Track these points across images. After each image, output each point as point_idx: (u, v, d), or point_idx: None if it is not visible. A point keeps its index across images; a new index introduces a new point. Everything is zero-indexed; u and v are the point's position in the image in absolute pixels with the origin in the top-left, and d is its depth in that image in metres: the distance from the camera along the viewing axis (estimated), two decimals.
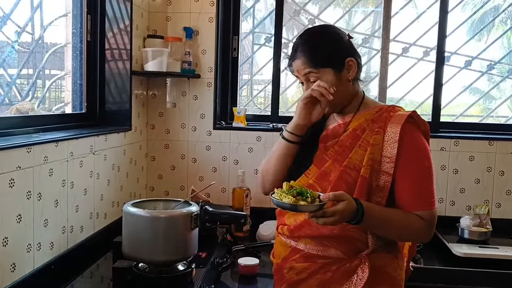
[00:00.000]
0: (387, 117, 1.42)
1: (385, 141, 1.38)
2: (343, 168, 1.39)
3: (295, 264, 1.45)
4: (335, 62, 1.43)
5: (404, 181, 1.38)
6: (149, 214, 1.56)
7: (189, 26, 2.56)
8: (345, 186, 1.37)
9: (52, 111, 2.15)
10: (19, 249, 1.53)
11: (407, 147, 1.37)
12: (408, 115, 1.40)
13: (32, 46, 2.01)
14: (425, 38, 2.76)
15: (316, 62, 1.42)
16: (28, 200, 1.56)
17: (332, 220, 1.25)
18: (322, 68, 1.42)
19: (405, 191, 1.38)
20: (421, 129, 1.42)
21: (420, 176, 1.38)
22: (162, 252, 1.56)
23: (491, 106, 2.91)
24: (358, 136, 1.42)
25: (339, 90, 1.42)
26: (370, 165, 1.37)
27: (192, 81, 2.62)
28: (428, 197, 1.38)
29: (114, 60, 2.30)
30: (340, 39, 1.46)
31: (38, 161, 1.60)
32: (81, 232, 1.93)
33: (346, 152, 1.41)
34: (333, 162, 1.42)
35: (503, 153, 2.51)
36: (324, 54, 1.43)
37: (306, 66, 1.43)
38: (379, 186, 1.38)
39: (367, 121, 1.44)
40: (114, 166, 2.23)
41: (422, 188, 1.38)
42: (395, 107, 1.47)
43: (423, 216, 1.37)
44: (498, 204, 2.53)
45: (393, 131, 1.38)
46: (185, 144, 2.66)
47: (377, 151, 1.38)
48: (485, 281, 2.03)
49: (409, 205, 1.38)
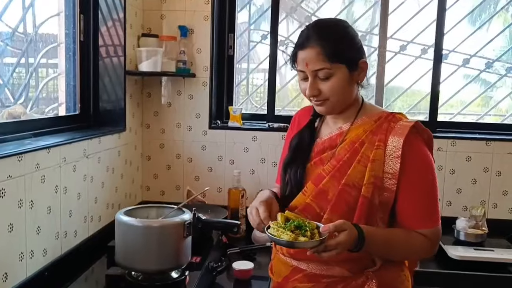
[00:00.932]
0: (388, 129, 1.32)
1: (387, 156, 1.29)
2: (342, 187, 1.30)
3: (298, 285, 1.37)
4: (351, 60, 1.31)
5: (407, 198, 1.30)
6: (142, 224, 1.55)
7: (184, 24, 2.53)
8: (345, 206, 1.30)
9: (45, 113, 2.13)
10: (11, 258, 1.52)
11: (410, 161, 1.28)
12: (410, 126, 1.30)
13: (24, 46, 1.99)
14: (423, 35, 2.73)
15: (332, 54, 1.27)
16: (20, 208, 1.54)
17: (335, 252, 1.18)
18: (337, 63, 1.28)
19: (408, 209, 1.31)
20: (424, 138, 1.33)
21: (424, 192, 1.30)
22: (155, 261, 1.56)
23: (492, 94, 2.88)
24: (357, 150, 1.32)
25: (347, 91, 1.32)
26: (372, 183, 1.28)
27: (187, 80, 2.60)
28: (431, 214, 1.31)
29: (109, 60, 2.28)
30: (356, 37, 1.35)
31: (29, 169, 1.58)
32: (75, 236, 1.92)
33: (344, 168, 1.31)
34: (330, 179, 1.32)
35: (500, 154, 2.50)
36: (342, 47, 1.29)
37: (320, 58, 1.27)
38: (382, 203, 1.31)
39: (365, 133, 1.34)
40: (109, 168, 2.21)
41: (426, 205, 1.31)
42: (395, 115, 1.36)
43: (427, 234, 1.30)
44: (494, 204, 2.53)
45: (394, 145, 1.29)
46: (181, 143, 2.65)
47: (378, 167, 1.29)
48: (480, 284, 2.04)
49: (412, 223, 1.31)
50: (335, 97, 1.32)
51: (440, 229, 1.33)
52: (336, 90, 1.31)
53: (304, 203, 1.35)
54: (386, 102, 2.81)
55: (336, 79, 1.30)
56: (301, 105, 2.16)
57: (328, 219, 1.28)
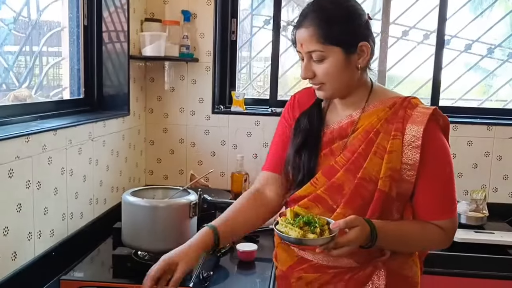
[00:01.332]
0: (404, 116, 1.23)
1: (405, 146, 1.21)
2: (358, 181, 1.22)
3: (303, 274, 1.32)
4: (348, 42, 1.21)
5: (425, 189, 1.23)
6: (148, 204, 1.57)
7: (186, 9, 2.53)
8: (360, 201, 1.23)
9: (50, 97, 2.14)
10: (20, 238, 1.55)
11: (430, 151, 1.21)
12: (430, 113, 1.22)
13: (28, 31, 2.00)
14: (425, 21, 2.74)
15: (326, 36, 1.20)
16: (27, 189, 1.57)
17: (347, 250, 1.13)
18: (331, 45, 1.20)
19: (425, 200, 1.25)
20: (441, 126, 1.25)
21: (442, 183, 1.24)
22: (161, 241, 1.58)
23: (492, 82, 2.89)
24: (372, 140, 1.23)
25: (343, 75, 1.23)
26: (390, 176, 1.20)
27: (191, 65, 2.61)
28: (449, 205, 1.26)
29: (112, 44, 2.29)
30: (359, 17, 1.24)
31: (37, 150, 1.60)
32: (81, 218, 1.95)
33: (360, 161, 1.23)
34: (345, 173, 1.24)
35: (501, 138, 2.52)
36: (338, 29, 1.20)
37: (313, 39, 1.21)
38: (400, 194, 1.24)
39: (380, 121, 1.25)
40: (113, 151, 2.23)
41: (444, 196, 1.25)
42: (410, 100, 1.27)
43: (443, 226, 1.24)
44: (495, 188, 2.55)
45: (413, 134, 1.20)
46: (184, 128, 2.66)
47: (396, 159, 1.21)
48: (480, 265, 2.07)
49: (428, 214, 1.25)
50: (330, 81, 1.25)
51: (456, 220, 1.28)
52: (330, 74, 1.23)
53: (314, 194, 1.28)
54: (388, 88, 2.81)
55: (330, 62, 1.22)
56: None
57: (342, 214, 1.22)
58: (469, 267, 2.07)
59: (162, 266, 1.21)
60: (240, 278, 1.84)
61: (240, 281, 1.80)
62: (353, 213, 1.18)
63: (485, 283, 2.07)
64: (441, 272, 2.07)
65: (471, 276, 2.07)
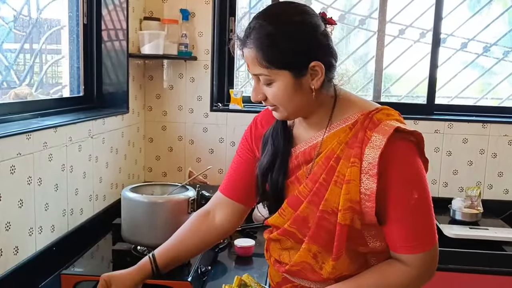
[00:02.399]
0: (364, 139, 1.08)
1: (362, 173, 1.07)
2: (320, 214, 1.11)
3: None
4: (295, 65, 1.08)
5: (390, 220, 1.09)
6: (147, 200, 1.60)
7: (185, 8, 2.56)
8: (325, 235, 1.12)
9: (50, 95, 2.17)
10: (21, 233, 1.58)
11: (390, 179, 1.07)
12: (389, 135, 1.06)
13: (28, 29, 2.02)
14: (421, 19, 2.76)
15: (269, 60, 1.07)
16: (29, 185, 1.59)
17: None
18: (276, 69, 1.08)
19: (391, 231, 1.11)
20: (412, 142, 1.11)
21: (410, 213, 1.08)
22: (160, 236, 1.59)
23: (491, 81, 2.92)
24: (333, 168, 1.11)
25: (295, 99, 1.11)
26: (349, 208, 1.08)
27: (189, 63, 2.63)
28: (420, 238, 1.09)
29: (111, 43, 2.31)
30: (309, 32, 1.09)
31: (37, 147, 1.63)
32: (81, 214, 1.97)
33: (322, 191, 1.12)
34: (308, 205, 1.14)
35: (496, 136, 2.55)
36: (282, 51, 1.07)
37: (255, 62, 1.09)
38: (367, 226, 1.11)
39: (340, 145, 1.12)
40: (112, 148, 2.26)
41: (413, 228, 1.09)
42: (373, 117, 1.11)
43: (411, 263, 1.09)
44: (490, 185, 2.58)
45: (370, 161, 1.06)
46: (182, 126, 2.69)
47: (354, 189, 1.08)
48: (474, 261, 2.10)
49: (396, 246, 1.11)
50: (282, 105, 1.13)
51: (432, 254, 1.10)
52: (280, 98, 1.11)
53: (283, 228, 1.20)
54: (384, 86, 2.85)
55: (277, 86, 1.10)
56: None
57: (307, 249, 1.15)
58: (464, 263, 2.10)
59: (100, 283, 1.29)
60: (238, 273, 1.86)
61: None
62: (320, 249, 1.13)
63: (479, 278, 2.10)
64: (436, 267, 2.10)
65: (465, 272, 2.09)
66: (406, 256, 1.10)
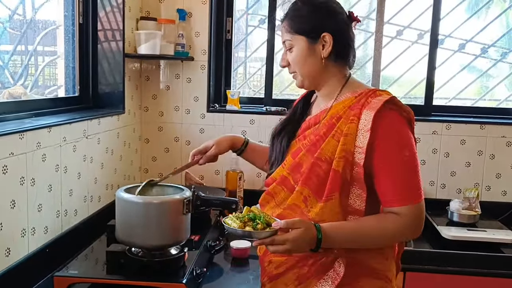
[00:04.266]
0: (364, 103, 1.29)
1: (359, 130, 1.27)
2: (314, 160, 1.30)
3: (273, 258, 1.41)
4: (310, 32, 1.34)
5: (381, 174, 1.27)
6: (142, 200, 1.57)
7: (182, 8, 2.54)
8: (315, 179, 1.30)
9: (45, 95, 2.15)
10: (14, 234, 1.55)
11: (382, 136, 1.25)
12: (385, 100, 1.26)
13: (23, 28, 2.00)
14: (419, 21, 2.75)
15: (293, 26, 1.36)
16: (21, 185, 1.57)
17: (283, 248, 1.20)
18: (296, 34, 1.36)
19: (382, 185, 1.28)
20: (403, 115, 1.29)
21: (399, 169, 1.26)
22: (154, 237, 1.58)
23: (489, 84, 2.92)
24: (333, 125, 1.32)
25: (307, 63, 1.36)
26: (344, 157, 1.27)
27: (186, 64, 2.62)
28: (407, 191, 1.26)
29: (107, 43, 2.29)
30: (329, 12, 1.36)
31: (31, 147, 1.61)
32: (75, 215, 1.95)
33: (320, 142, 1.32)
34: (306, 153, 1.34)
35: (494, 137, 2.54)
36: (303, 20, 1.35)
37: (285, 30, 1.38)
38: (354, 178, 1.28)
39: (344, 108, 1.33)
40: (108, 149, 2.24)
41: (401, 182, 1.26)
42: (376, 91, 1.33)
43: (401, 213, 1.25)
44: (488, 187, 2.57)
45: (366, 119, 1.26)
46: (179, 126, 2.67)
47: (350, 142, 1.27)
48: (472, 263, 2.09)
49: (386, 200, 1.28)
50: (297, 69, 1.38)
51: (420, 208, 1.27)
52: (297, 61, 1.37)
53: (281, 175, 1.39)
54: (382, 87, 2.83)
55: (296, 51, 1.37)
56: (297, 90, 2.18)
57: (299, 192, 1.33)
58: (462, 264, 2.08)
59: (202, 147, 1.70)
60: (233, 275, 1.85)
61: (234, 278, 1.82)
62: (310, 192, 1.31)
63: (477, 280, 2.09)
64: (434, 269, 2.09)
65: (463, 274, 2.08)
66: (398, 208, 1.25)
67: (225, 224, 1.28)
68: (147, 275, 1.57)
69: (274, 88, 2.77)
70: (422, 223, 1.29)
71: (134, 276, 1.57)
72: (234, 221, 1.26)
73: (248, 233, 1.22)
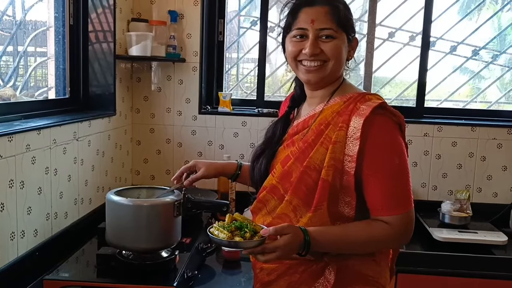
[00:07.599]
0: (353, 109, 1.26)
1: (348, 137, 1.24)
2: (303, 169, 1.27)
3: (264, 265, 1.38)
4: (350, 32, 1.33)
5: (370, 182, 1.24)
6: (132, 203, 1.57)
7: (174, 9, 2.53)
8: (305, 188, 1.27)
9: (35, 97, 2.13)
10: (2, 238, 1.54)
11: (371, 143, 1.22)
12: (374, 106, 1.23)
13: (13, 30, 1.98)
14: (411, 23, 2.76)
15: (339, 19, 1.29)
16: (10, 188, 1.56)
17: (275, 256, 1.17)
18: (340, 29, 1.29)
19: (371, 194, 1.25)
20: (393, 120, 1.26)
21: (389, 177, 1.23)
22: (145, 240, 1.58)
23: (481, 85, 2.93)
24: (322, 132, 1.29)
25: (342, 60, 1.32)
26: (333, 165, 1.24)
27: (177, 65, 2.61)
28: (396, 199, 1.24)
29: (98, 44, 2.28)
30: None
31: (20, 149, 1.59)
32: (65, 218, 1.94)
33: (308, 150, 1.29)
34: (295, 161, 1.30)
35: (485, 139, 2.55)
36: (347, 16, 1.31)
37: (328, 17, 1.28)
38: (344, 186, 1.26)
39: (332, 114, 1.30)
40: (99, 151, 2.22)
41: (391, 190, 1.23)
42: (365, 95, 1.31)
43: (390, 222, 1.23)
44: (479, 188, 2.58)
45: (355, 126, 1.23)
46: (171, 128, 2.66)
47: (339, 150, 1.24)
48: (464, 265, 2.09)
49: (375, 209, 1.25)
50: (334, 59, 1.30)
51: (409, 216, 1.25)
52: (336, 52, 1.30)
53: (271, 184, 1.35)
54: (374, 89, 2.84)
55: (337, 42, 1.30)
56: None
57: (289, 201, 1.30)
58: (453, 266, 2.09)
59: (189, 166, 1.60)
60: (225, 277, 1.84)
61: (225, 281, 1.81)
62: (299, 202, 1.28)
63: (468, 282, 2.09)
64: (425, 271, 2.09)
65: (455, 276, 2.09)
66: (387, 218, 1.23)
67: (212, 235, 1.23)
68: (138, 278, 1.56)
69: (267, 89, 2.77)
70: (411, 231, 1.27)
71: (125, 279, 1.56)
72: (221, 231, 1.22)
73: (235, 243, 1.18)
